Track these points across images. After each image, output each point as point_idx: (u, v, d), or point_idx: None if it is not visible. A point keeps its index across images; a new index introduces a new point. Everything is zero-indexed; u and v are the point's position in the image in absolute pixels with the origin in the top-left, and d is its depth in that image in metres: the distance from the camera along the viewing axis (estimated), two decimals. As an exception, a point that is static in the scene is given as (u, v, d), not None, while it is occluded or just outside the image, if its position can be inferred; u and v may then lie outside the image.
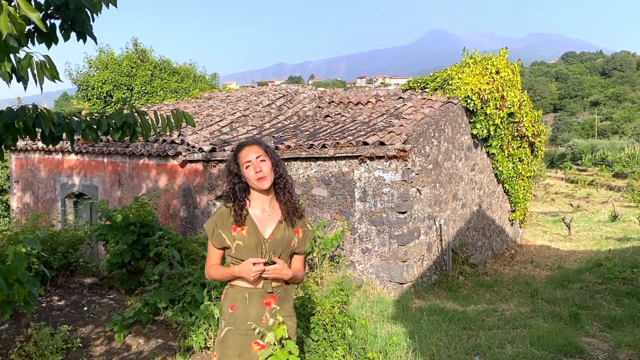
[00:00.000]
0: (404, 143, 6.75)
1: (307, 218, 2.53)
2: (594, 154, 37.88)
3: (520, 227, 12.24)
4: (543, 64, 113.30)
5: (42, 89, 2.50)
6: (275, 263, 2.30)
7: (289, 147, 7.50)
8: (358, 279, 6.82)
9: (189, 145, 8.25)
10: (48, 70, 2.45)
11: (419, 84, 9.90)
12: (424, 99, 8.90)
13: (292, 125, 9.58)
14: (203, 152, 8.05)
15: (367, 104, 9.97)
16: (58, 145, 9.91)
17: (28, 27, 2.95)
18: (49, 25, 3.09)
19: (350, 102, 10.35)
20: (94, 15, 3.13)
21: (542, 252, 11.20)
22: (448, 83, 8.80)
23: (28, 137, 2.90)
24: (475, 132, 9.07)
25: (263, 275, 2.28)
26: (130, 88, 17.72)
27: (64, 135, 3.04)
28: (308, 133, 8.48)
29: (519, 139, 10.41)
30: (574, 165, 36.76)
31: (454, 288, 7.40)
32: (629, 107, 71.69)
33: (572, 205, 20.37)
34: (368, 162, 6.92)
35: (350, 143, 7.00)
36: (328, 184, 7.30)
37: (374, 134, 7.15)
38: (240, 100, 11.25)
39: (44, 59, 2.45)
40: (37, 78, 2.45)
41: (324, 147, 7.17)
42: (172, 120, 3.29)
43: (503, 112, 9.32)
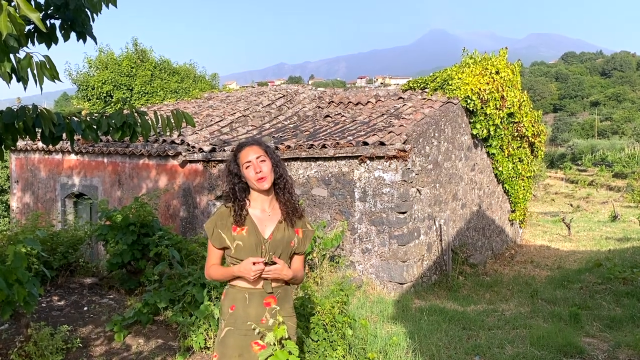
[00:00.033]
0: (404, 143, 6.75)
1: (307, 218, 2.53)
2: (594, 154, 37.88)
3: (520, 227, 12.24)
4: (543, 64, 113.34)
5: (42, 89, 2.50)
6: (276, 263, 2.30)
7: (289, 147, 7.50)
8: (358, 279, 6.82)
9: (189, 146, 8.25)
10: (48, 71, 2.45)
11: (419, 84, 9.90)
12: (424, 99, 8.90)
13: (292, 126, 9.58)
14: (203, 152, 8.05)
15: (367, 104, 9.97)
16: (58, 146, 9.91)
17: (28, 27, 2.95)
18: (49, 26, 3.10)
19: (350, 102, 10.35)
20: (94, 16, 3.13)
21: (542, 252, 11.20)
22: (448, 83, 8.80)
23: (28, 137, 2.90)
24: (475, 132, 9.07)
25: (263, 276, 2.28)
26: (130, 88, 17.72)
27: (64, 136, 3.04)
28: (308, 133, 8.48)
29: (519, 139, 10.42)
30: (574, 166, 36.77)
31: (454, 288, 7.40)
32: (629, 107, 71.70)
33: (572, 206, 20.38)
34: (368, 162, 6.92)
35: (350, 143, 7.00)
36: (328, 184, 7.30)
37: (374, 134, 7.16)
38: (240, 101, 11.25)
39: (44, 59, 2.45)
40: (37, 78, 2.45)
41: (324, 147, 7.17)
42: (172, 121, 3.29)
43: (503, 112, 9.32)
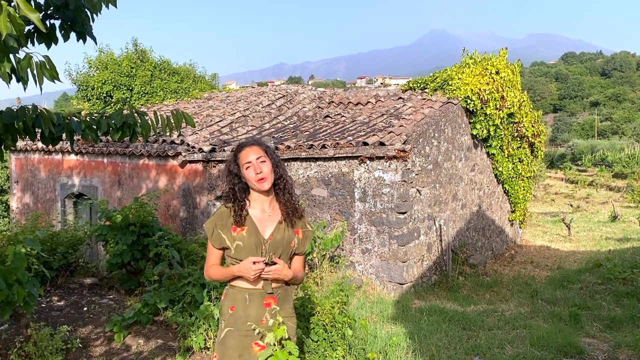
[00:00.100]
0: (404, 143, 6.75)
1: (306, 218, 2.52)
2: (594, 155, 37.87)
3: (520, 227, 12.24)
4: (543, 65, 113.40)
5: (41, 90, 2.49)
6: (276, 263, 2.30)
7: (289, 147, 7.50)
8: (358, 280, 6.82)
9: (189, 146, 8.25)
10: (48, 71, 2.45)
11: (419, 85, 9.90)
12: (424, 100, 8.90)
13: (292, 126, 9.58)
14: (203, 152, 8.05)
15: (367, 105, 9.97)
16: (58, 146, 9.91)
17: (28, 27, 2.96)
18: (49, 26, 3.10)
19: (350, 102, 10.35)
20: (94, 16, 3.13)
21: (542, 252, 11.19)
22: (448, 83, 8.80)
23: (28, 137, 2.90)
24: (475, 132, 9.07)
25: (263, 276, 2.28)
26: (130, 88, 17.72)
27: (64, 136, 3.04)
28: (308, 133, 8.48)
29: (519, 140, 10.42)
30: (574, 166, 36.76)
31: (454, 288, 7.40)
32: (629, 107, 71.72)
33: (572, 206, 20.38)
34: (368, 162, 6.92)
35: (350, 143, 7.00)
36: (328, 185, 7.29)
37: (374, 135, 7.15)
38: (240, 101, 11.25)
39: (44, 60, 2.45)
40: (36, 78, 2.45)
41: (324, 147, 7.17)
42: (172, 121, 3.29)
43: (503, 112, 9.32)
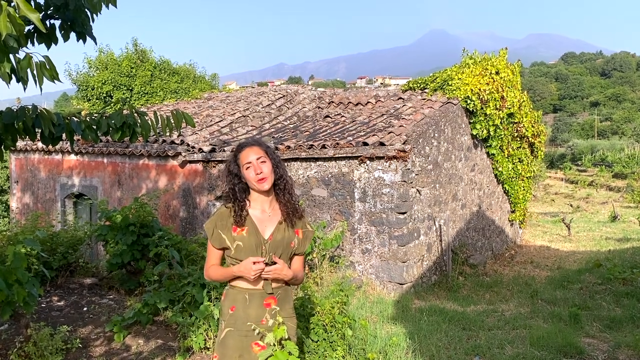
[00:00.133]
0: (404, 144, 6.75)
1: (306, 219, 2.52)
2: (594, 155, 37.86)
3: (520, 227, 12.24)
4: (543, 65, 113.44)
5: (41, 90, 2.50)
6: (276, 263, 2.30)
7: (289, 147, 7.50)
8: (358, 280, 6.82)
9: (189, 146, 8.25)
10: (47, 71, 2.45)
11: (419, 85, 9.90)
12: (424, 100, 8.90)
13: (291, 126, 9.58)
14: (203, 152, 8.05)
15: (367, 105, 9.97)
16: (58, 146, 9.90)
17: (28, 27, 2.96)
18: (49, 26, 3.10)
19: (350, 102, 10.35)
20: (94, 16, 3.14)
21: (542, 252, 11.19)
22: (448, 83, 8.80)
23: (28, 137, 2.90)
24: (475, 132, 9.07)
25: (263, 276, 2.28)
26: (130, 88, 17.73)
27: (64, 136, 3.04)
28: (308, 133, 8.48)
29: (519, 140, 10.41)
30: (574, 166, 36.75)
31: (454, 288, 7.40)
32: (629, 107, 71.71)
33: (571, 206, 20.38)
34: (368, 162, 6.92)
35: (350, 143, 7.00)
36: (328, 185, 7.29)
37: (374, 135, 7.15)
38: (240, 101, 11.25)
39: (44, 60, 2.45)
40: (36, 78, 2.45)
41: (324, 147, 7.17)
42: (171, 121, 3.29)
43: (503, 112, 9.32)
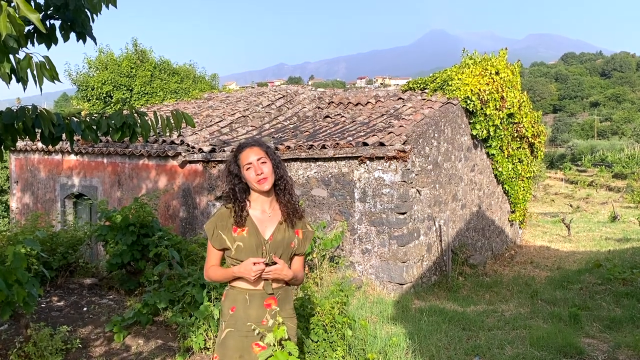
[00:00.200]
0: (404, 144, 6.75)
1: (306, 219, 2.53)
2: (594, 155, 37.86)
3: (520, 227, 12.24)
4: (543, 65, 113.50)
5: (41, 90, 2.49)
6: (276, 263, 2.30)
7: (289, 147, 7.50)
8: (358, 280, 6.82)
9: (189, 146, 8.25)
10: (47, 71, 2.45)
11: (419, 85, 9.90)
12: (424, 100, 8.90)
13: (291, 126, 9.58)
14: (203, 152, 8.05)
15: (366, 105, 9.97)
16: (58, 146, 9.90)
17: (28, 27, 2.95)
18: (49, 26, 3.10)
19: (350, 102, 10.35)
20: (94, 16, 3.13)
21: (541, 252, 11.19)
22: (448, 84, 8.80)
23: (28, 137, 2.90)
24: (475, 132, 9.07)
25: (263, 276, 2.28)
26: (130, 88, 17.74)
27: (64, 136, 3.04)
28: (308, 134, 8.48)
29: (519, 140, 10.42)
30: (574, 166, 36.75)
31: (454, 289, 7.40)
32: (629, 107, 71.74)
33: (571, 206, 20.37)
34: (368, 162, 6.92)
35: (350, 144, 7.00)
36: (328, 185, 7.29)
37: (374, 135, 7.15)
38: (240, 101, 11.25)
39: (44, 60, 2.45)
40: (36, 79, 2.45)
41: (324, 147, 7.17)
42: (171, 121, 3.29)
43: (503, 112, 9.32)
